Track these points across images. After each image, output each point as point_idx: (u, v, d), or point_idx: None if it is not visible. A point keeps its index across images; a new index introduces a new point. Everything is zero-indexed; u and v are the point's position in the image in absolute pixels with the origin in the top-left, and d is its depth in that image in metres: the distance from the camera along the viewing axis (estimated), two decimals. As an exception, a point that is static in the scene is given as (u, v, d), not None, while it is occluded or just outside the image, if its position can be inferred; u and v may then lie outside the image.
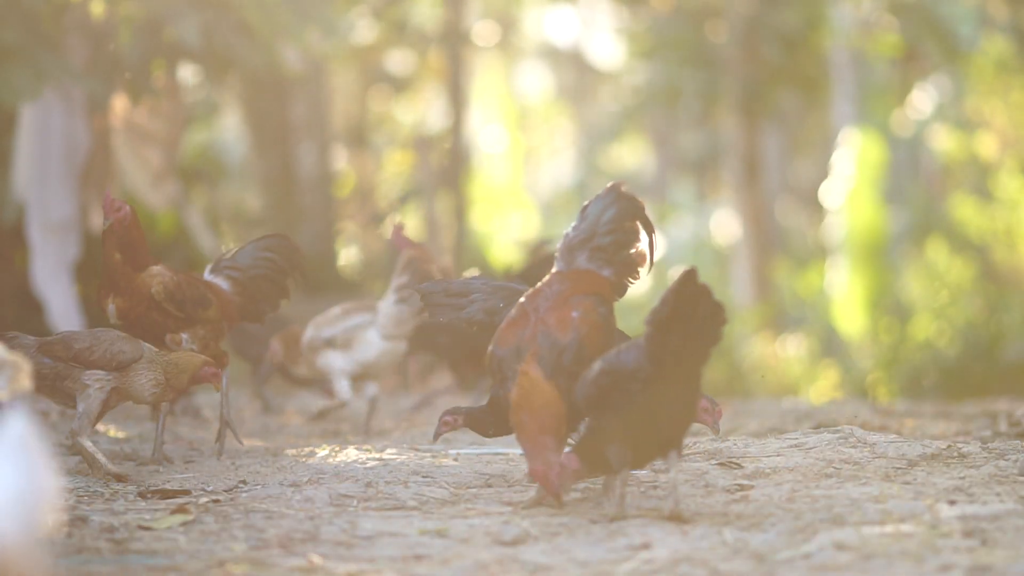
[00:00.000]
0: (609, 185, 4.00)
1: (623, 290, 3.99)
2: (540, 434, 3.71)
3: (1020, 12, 15.34)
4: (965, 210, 15.09)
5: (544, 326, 3.82)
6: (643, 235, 3.98)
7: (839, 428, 4.80)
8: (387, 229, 16.31)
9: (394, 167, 18.15)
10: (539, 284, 3.93)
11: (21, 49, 7.60)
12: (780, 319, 17.11)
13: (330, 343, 5.84)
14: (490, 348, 3.90)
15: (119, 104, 8.67)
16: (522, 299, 3.91)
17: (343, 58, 14.65)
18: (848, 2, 16.51)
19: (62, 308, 8.83)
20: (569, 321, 3.81)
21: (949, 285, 14.24)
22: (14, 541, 2.55)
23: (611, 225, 3.93)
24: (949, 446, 4.63)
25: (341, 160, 16.61)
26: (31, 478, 2.60)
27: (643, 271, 4.00)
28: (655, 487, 4.11)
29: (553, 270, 3.96)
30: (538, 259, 6.46)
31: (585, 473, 3.72)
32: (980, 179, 15.50)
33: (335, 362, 5.91)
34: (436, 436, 4.22)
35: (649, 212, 4.02)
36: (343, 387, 5.90)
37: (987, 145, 15.61)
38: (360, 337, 5.83)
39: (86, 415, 4.47)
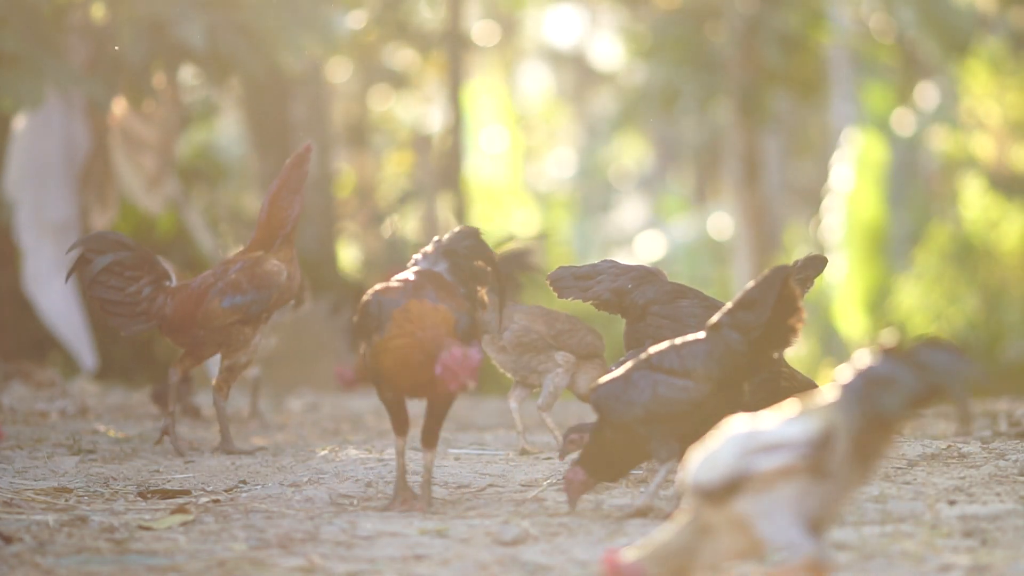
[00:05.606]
0: (468, 227, 4.13)
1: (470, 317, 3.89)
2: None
3: (1013, 12, 15.34)
4: (943, 235, 15.10)
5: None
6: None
7: (839, 428, 4.79)
8: (386, 229, 16.32)
9: (394, 167, 18.13)
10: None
11: (23, 55, 7.59)
12: (780, 319, 17.04)
13: None
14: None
15: (117, 108, 8.66)
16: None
17: (343, 55, 14.64)
18: (847, 3, 16.50)
19: (60, 308, 8.81)
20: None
21: (944, 287, 14.25)
22: None
23: (468, 252, 4.05)
24: (949, 446, 4.63)
25: (341, 160, 16.59)
26: None
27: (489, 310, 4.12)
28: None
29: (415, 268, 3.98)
30: (502, 254, 6.52)
31: (592, 483, 3.71)
32: (974, 182, 15.52)
33: None
34: (563, 455, 4.14)
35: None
36: None
37: (984, 147, 15.62)
38: None
39: (554, 393, 4.82)
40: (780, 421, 2.72)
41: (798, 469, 2.65)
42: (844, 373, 2.74)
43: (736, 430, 2.74)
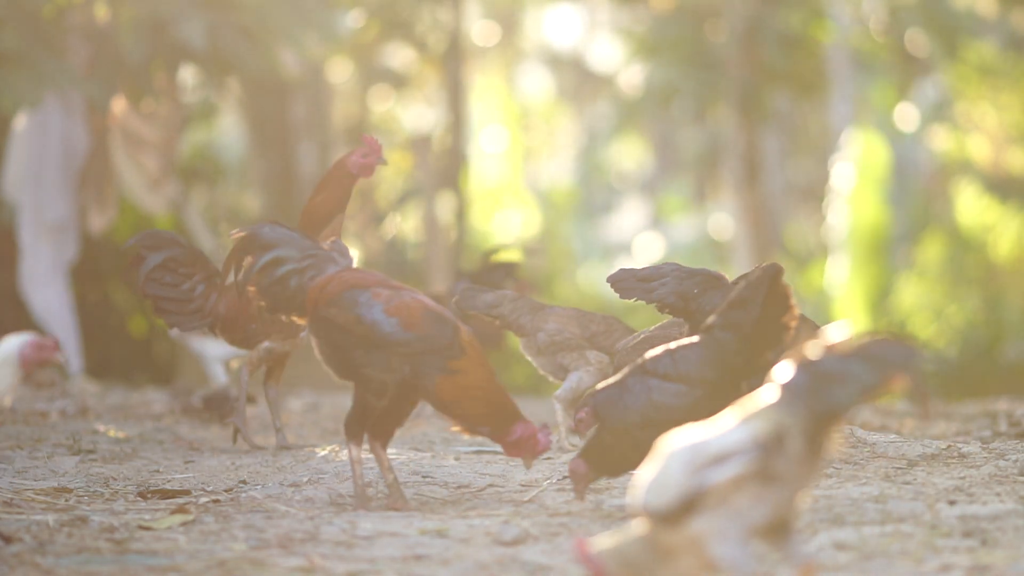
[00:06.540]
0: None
1: None
2: None
3: (1013, 14, 15.34)
4: (933, 249, 15.09)
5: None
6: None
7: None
8: (386, 229, 16.31)
9: (394, 167, 18.13)
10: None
11: (23, 55, 7.59)
12: (780, 319, 17.05)
13: None
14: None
15: (117, 107, 8.66)
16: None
17: (342, 54, 14.64)
18: (847, 3, 16.50)
19: (54, 308, 8.81)
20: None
21: (944, 287, 14.26)
22: None
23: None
24: (949, 446, 4.63)
25: (341, 160, 16.52)
26: None
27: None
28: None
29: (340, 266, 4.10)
30: (488, 263, 6.57)
31: (593, 477, 3.71)
32: (969, 187, 15.51)
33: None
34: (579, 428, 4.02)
35: None
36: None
37: (980, 148, 15.62)
38: None
39: (576, 388, 4.85)
40: (722, 429, 2.64)
41: (751, 476, 2.59)
42: (783, 371, 2.67)
43: (677, 444, 2.66)
